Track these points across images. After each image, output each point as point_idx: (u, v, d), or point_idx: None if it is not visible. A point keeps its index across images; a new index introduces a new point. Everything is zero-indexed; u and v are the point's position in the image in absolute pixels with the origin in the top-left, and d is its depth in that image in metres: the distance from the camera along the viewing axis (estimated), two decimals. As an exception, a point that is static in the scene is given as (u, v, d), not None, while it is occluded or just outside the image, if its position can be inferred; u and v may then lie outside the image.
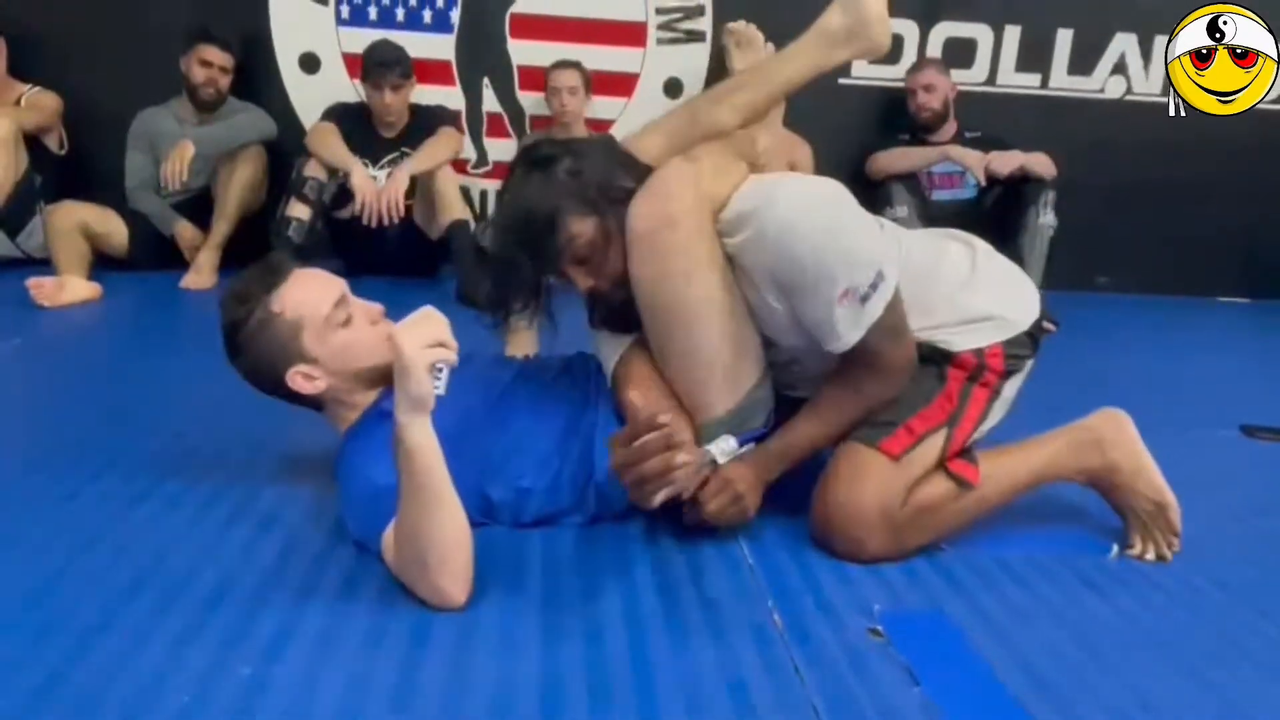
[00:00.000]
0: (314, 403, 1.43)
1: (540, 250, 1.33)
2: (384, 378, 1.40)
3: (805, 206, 1.31)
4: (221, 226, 3.26)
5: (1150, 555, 1.45)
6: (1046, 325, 3.15)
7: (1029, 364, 1.50)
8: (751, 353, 1.41)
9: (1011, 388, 1.48)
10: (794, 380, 1.48)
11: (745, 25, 1.74)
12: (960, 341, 1.44)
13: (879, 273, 1.30)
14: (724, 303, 1.36)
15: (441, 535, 1.16)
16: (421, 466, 1.15)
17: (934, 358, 1.43)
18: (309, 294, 1.37)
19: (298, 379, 1.38)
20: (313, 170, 3.15)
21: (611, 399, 1.47)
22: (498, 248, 1.40)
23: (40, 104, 3.32)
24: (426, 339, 1.13)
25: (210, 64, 3.28)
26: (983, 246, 1.55)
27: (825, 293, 1.28)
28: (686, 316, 1.35)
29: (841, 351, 1.33)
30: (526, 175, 1.35)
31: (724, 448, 1.40)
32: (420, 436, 1.15)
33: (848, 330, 1.31)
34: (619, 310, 1.41)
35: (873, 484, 1.35)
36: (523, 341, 1.87)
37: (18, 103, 3.30)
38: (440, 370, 1.45)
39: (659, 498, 1.23)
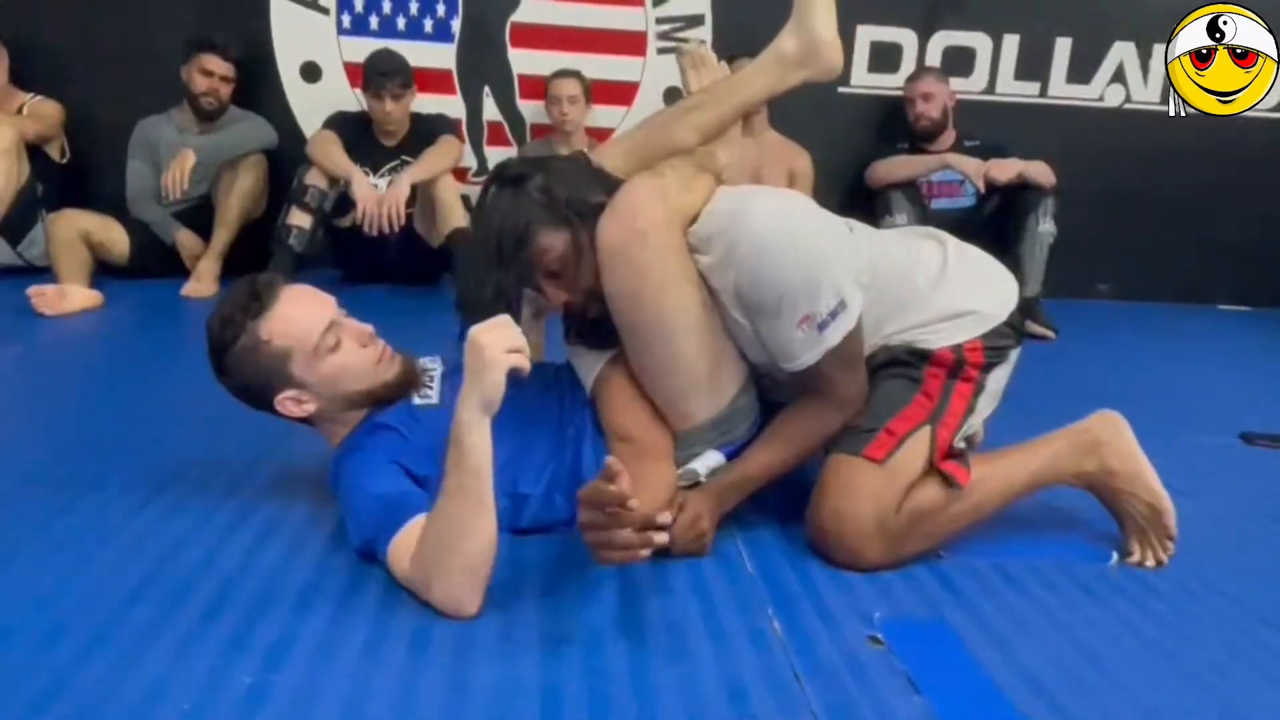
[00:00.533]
0: (305, 420, 1.43)
1: (513, 266, 1.33)
2: (375, 398, 1.41)
3: (773, 229, 1.32)
4: (222, 235, 3.26)
5: (1150, 562, 1.45)
6: (1045, 332, 3.19)
7: (1013, 354, 1.51)
8: (731, 361, 1.42)
9: (997, 379, 1.49)
10: (767, 390, 1.49)
11: (698, 46, 1.77)
12: (937, 340, 1.45)
13: (841, 301, 1.32)
14: (699, 314, 1.37)
15: (477, 540, 1.17)
16: (474, 468, 1.16)
17: (911, 360, 1.44)
18: (297, 321, 1.35)
19: (287, 404, 1.38)
20: (314, 179, 3.16)
21: (593, 409, 1.47)
22: (472, 266, 1.40)
23: (42, 113, 3.32)
24: (507, 344, 1.15)
25: (211, 73, 3.29)
26: (953, 243, 1.55)
27: (786, 316, 1.31)
28: (663, 329, 1.36)
29: (794, 372, 1.36)
30: (498, 193, 1.36)
31: (710, 464, 1.43)
32: (480, 438, 1.16)
33: (802, 353, 1.34)
34: (594, 325, 1.43)
35: (865, 493, 1.35)
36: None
37: (19, 111, 3.30)
38: (432, 380, 1.45)
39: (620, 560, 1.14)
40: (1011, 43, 3.81)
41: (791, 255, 1.31)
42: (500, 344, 1.15)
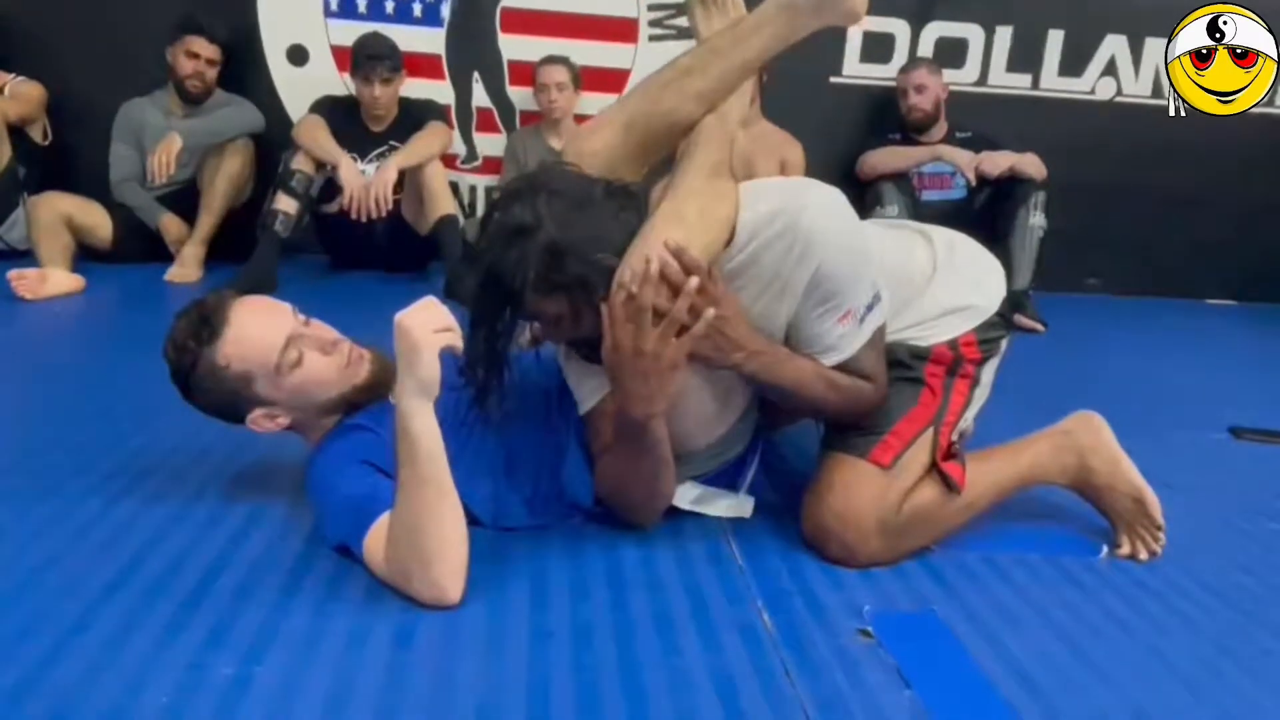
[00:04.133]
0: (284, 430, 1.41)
1: (502, 312, 1.27)
2: (349, 402, 1.39)
3: (829, 224, 1.29)
4: (207, 220, 3.22)
5: (1143, 555, 1.46)
6: (1034, 325, 3.19)
7: (1004, 344, 1.51)
8: (736, 393, 1.40)
9: (989, 372, 1.49)
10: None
11: None
12: (933, 335, 1.44)
13: (876, 294, 1.33)
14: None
15: (444, 526, 1.15)
16: (426, 456, 1.14)
17: (910, 361, 1.43)
18: (253, 343, 1.31)
19: (260, 421, 1.36)
20: (300, 164, 3.12)
21: (579, 426, 1.43)
22: (470, 297, 1.30)
23: (24, 94, 3.27)
24: (434, 324, 1.14)
25: (197, 56, 3.25)
26: (941, 238, 1.54)
27: (832, 310, 1.30)
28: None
29: (830, 365, 1.34)
30: (499, 239, 1.21)
31: (690, 496, 1.44)
32: (425, 424, 1.15)
33: (845, 346, 1.32)
34: (591, 344, 1.34)
35: (869, 495, 1.34)
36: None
37: (1, 92, 3.25)
38: None
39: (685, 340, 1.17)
40: (1004, 34, 3.80)
41: (844, 253, 1.28)
42: (428, 324, 1.14)
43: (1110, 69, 3.86)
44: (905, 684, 1.10)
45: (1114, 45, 3.83)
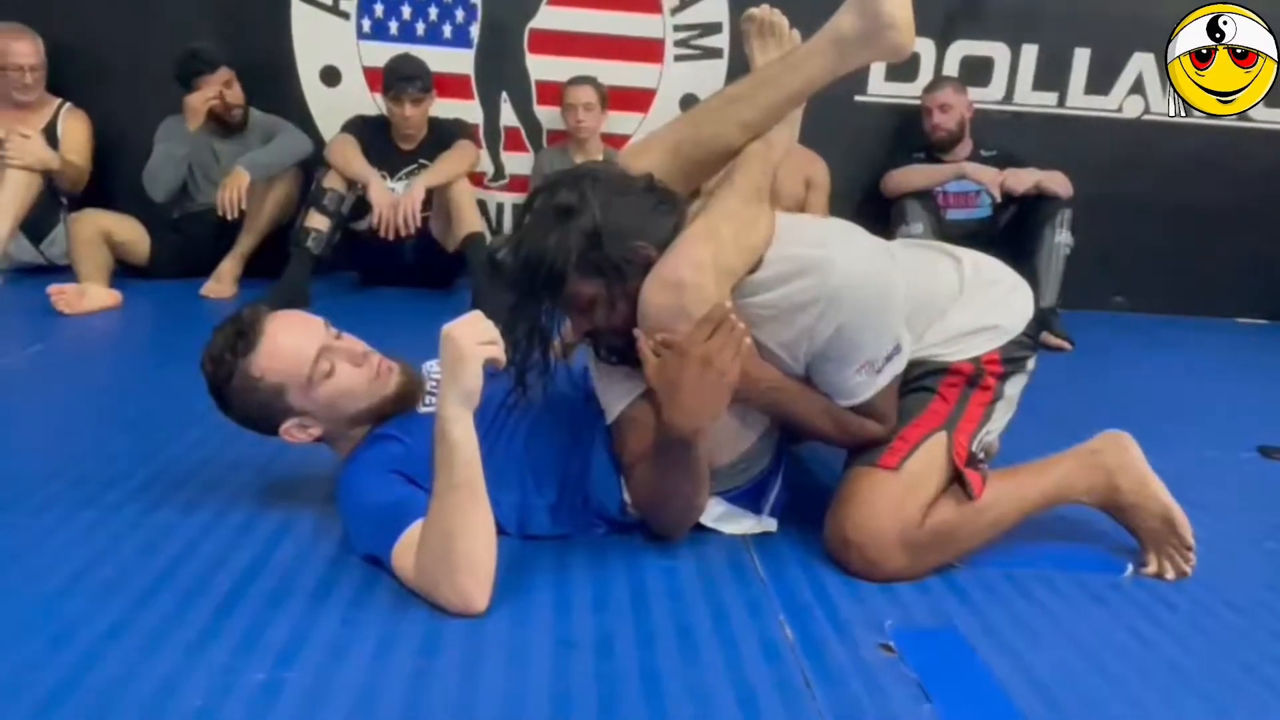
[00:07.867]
0: (315, 441, 1.43)
1: (543, 297, 1.30)
2: (377, 414, 1.42)
3: (855, 287, 1.29)
4: (248, 239, 3.26)
5: (1170, 574, 1.45)
6: (1061, 343, 3.16)
7: (1030, 363, 1.51)
8: (755, 415, 1.42)
9: (1014, 387, 1.49)
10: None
11: (768, 10, 1.56)
12: (957, 353, 1.45)
13: (896, 345, 1.36)
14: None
15: (475, 534, 1.18)
16: (463, 462, 1.18)
17: (929, 376, 1.44)
18: (286, 355, 1.34)
19: (293, 431, 1.39)
20: (332, 182, 3.17)
21: (606, 436, 1.44)
22: (508, 281, 1.35)
23: (76, 166, 3.31)
24: (480, 336, 1.18)
25: (215, 92, 3.29)
26: (968, 259, 1.55)
27: (849, 362, 1.33)
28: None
29: (843, 405, 1.38)
30: (542, 221, 1.28)
31: (715, 513, 1.45)
32: (465, 431, 1.18)
33: (860, 392, 1.36)
34: (619, 348, 1.38)
35: (886, 505, 1.35)
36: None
37: (55, 117, 3.34)
38: (437, 386, 1.46)
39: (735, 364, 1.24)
40: (1030, 53, 3.80)
41: (868, 312, 1.31)
42: (474, 337, 1.18)
43: (1138, 87, 3.84)
44: (926, 698, 1.10)
45: (1141, 63, 3.81)
